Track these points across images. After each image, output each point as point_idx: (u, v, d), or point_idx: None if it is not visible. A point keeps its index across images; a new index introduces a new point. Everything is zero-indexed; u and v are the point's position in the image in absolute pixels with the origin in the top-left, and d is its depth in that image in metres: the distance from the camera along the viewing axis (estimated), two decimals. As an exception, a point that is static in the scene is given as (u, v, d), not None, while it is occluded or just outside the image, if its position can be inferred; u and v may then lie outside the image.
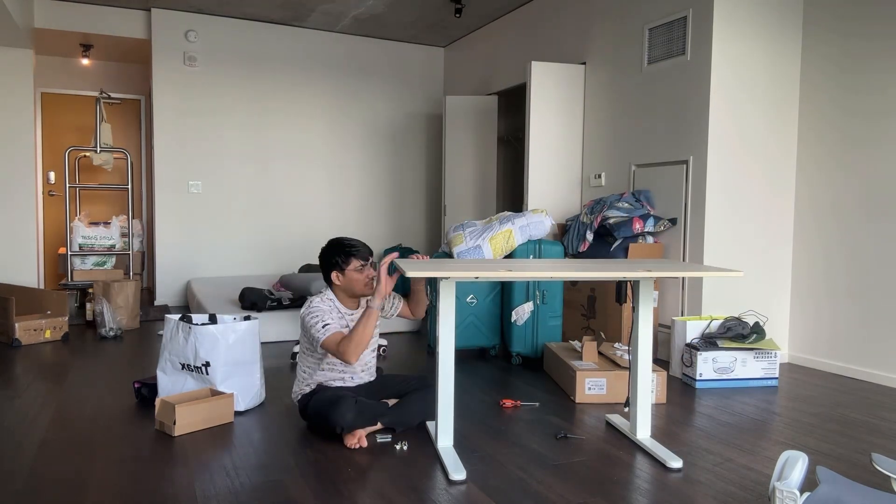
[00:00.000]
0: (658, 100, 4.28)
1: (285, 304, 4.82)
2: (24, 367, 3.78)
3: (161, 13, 5.99)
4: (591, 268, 2.35)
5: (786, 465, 1.89)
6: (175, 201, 6.15)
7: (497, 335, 4.17)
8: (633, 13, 4.48)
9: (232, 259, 6.40)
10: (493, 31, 6.22)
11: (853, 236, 3.84)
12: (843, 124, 3.88)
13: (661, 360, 4.13)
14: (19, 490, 2.14)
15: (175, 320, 3.02)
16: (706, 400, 3.31)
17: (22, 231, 5.67)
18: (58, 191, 7.17)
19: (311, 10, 5.99)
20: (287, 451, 2.53)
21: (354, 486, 2.21)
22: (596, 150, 4.88)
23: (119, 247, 5.98)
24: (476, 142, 6.10)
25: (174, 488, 2.17)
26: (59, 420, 2.85)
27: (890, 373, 3.66)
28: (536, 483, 2.25)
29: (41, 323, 4.44)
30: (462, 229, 4.12)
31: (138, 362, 3.94)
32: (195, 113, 6.18)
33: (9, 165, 5.60)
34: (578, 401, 3.22)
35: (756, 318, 4.08)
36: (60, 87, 7.13)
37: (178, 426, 2.65)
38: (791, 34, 4.09)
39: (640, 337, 2.64)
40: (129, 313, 4.94)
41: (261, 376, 3.10)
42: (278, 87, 6.49)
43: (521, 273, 2.20)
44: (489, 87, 6.29)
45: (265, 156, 6.48)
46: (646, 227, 4.10)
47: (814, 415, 3.09)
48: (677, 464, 2.41)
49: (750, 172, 4.04)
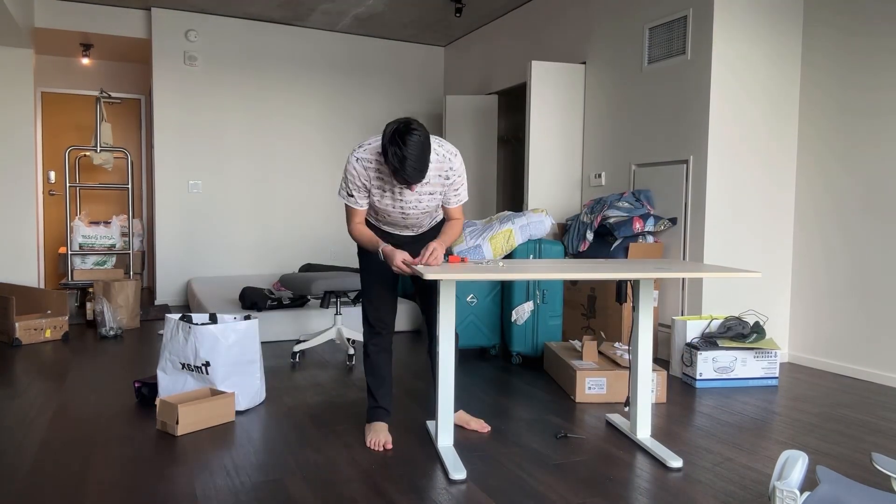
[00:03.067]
0: (658, 99, 4.28)
1: (285, 304, 4.82)
2: (25, 367, 3.78)
3: (161, 13, 5.99)
4: (596, 268, 2.35)
5: (786, 464, 1.89)
6: (175, 201, 6.15)
7: (497, 335, 4.17)
8: (634, 13, 4.48)
9: (232, 259, 6.40)
10: (493, 30, 6.22)
11: (854, 236, 3.84)
12: (844, 123, 3.88)
13: (661, 360, 4.13)
14: (20, 489, 2.15)
15: (175, 320, 3.02)
16: (706, 399, 3.31)
17: (22, 231, 5.67)
18: (58, 190, 7.18)
19: (312, 9, 5.99)
20: (287, 451, 2.53)
21: (354, 485, 2.21)
22: (596, 149, 4.87)
23: (119, 246, 5.98)
24: (476, 141, 6.10)
25: (174, 487, 2.17)
26: (59, 420, 2.85)
27: (890, 372, 3.66)
28: (536, 483, 2.25)
29: (41, 322, 4.44)
30: (462, 229, 4.12)
31: (138, 362, 3.94)
32: (195, 112, 6.18)
33: (9, 165, 5.60)
34: (578, 400, 3.22)
35: (756, 318, 4.08)
36: (60, 86, 7.13)
37: (180, 426, 2.65)
38: (791, 33, 4.09)
39: (641, 336, 2.64)
40: (130, 313, 4.94)
41: (261, 376, 3.10)
42: (278, 86, 6.49)
43: (521, 273, 2.20)
44: (489, 87, 6.29)
45: (265, 155, 6.48)
46: (646, 227, 4.10)
47: (814, 414, 3.09)
48: (677, 463, 2.41)
49: (750, 172, 4.04)
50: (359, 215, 2.55)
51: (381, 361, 2.71)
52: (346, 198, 2.51)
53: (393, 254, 2.40)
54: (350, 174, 2.45)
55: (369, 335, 2.72)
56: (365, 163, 2.43)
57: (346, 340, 3.97)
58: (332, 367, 3.84)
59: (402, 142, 2.20)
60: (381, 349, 2.71)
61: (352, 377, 3.63)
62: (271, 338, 4.58)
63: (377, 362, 2.71)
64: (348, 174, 2.46)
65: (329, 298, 4.04)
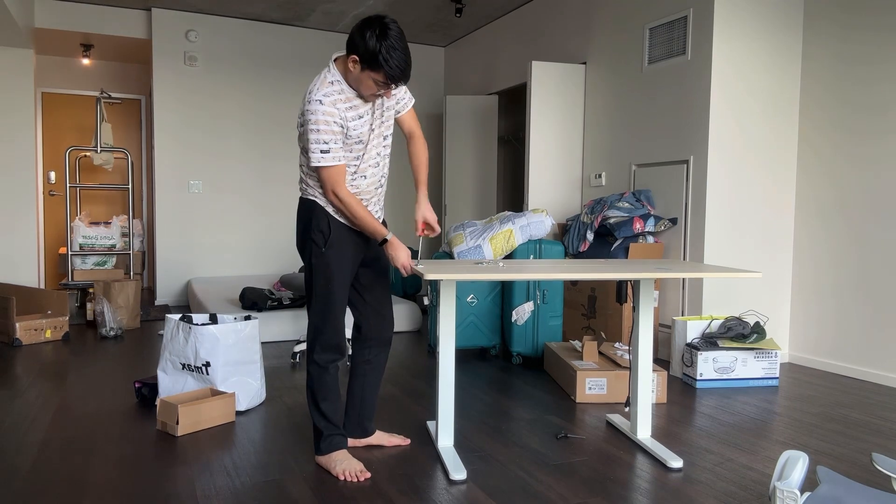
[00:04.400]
0: (658, 100, 4.28)
1: (285, 304, 4.82)
2: (25, 367, 3.78)
3: (161, 13, 5.99)
4: (596, 268, 2.35)
5: (786, 464, 1.89)
6: (175, 201, 6.15)
7: (497, 335, 4.17)
8: (634, 13, 4.48)
9: (232, 259, 6.40)
10: (494, 30, 6.22)
11: (854, 235, 3.83)
12: (845, 122, 3.88)
13: (661, 360, 4.13)
14: (20, 489, 2.15)
15: (175, 320, 3.02)
16: (706, 400, 3.31)
17: (22, 231, 5.67)
18: (58, 190, 7.18)
19: (312, 9, 5.99)
20: (287, 451, 2.53)
21: (354, 485, 2.21)
22: (596, 149, 4.87)
23: (119, 246, 5.98)
24: (476, 142, 6.10)
25: (175, 487, 2.17)
26: (59, 420, 2.85)
27: (890, 372, 3.65)
28: (536, 483, 2.25)
29: (42, 323, 4.44)
30: (462, 229, 4.12)
31: (139, 362, 3.94)
32: (195, 113, 6.18)
33: (9, 165, 5.61)
34: (579, 400, 3.22)
35: (756, 318, 4.08)
36: (61, 86, 7.14)
37: (181, 426, 2.65)
38: (792, 33, 4.09)
39: (641, 337, 2.64)
40: (130, 313, 4.94)
41: (261, 376, 3.10)
42: (279, 86, 6.49)
43: (522, 273, 2.20)
44: (489, 87, 6.29)
45: (265, 155, 6.48)
46: (646, 227, 4.10)
47: (814, 415, 3.09)
48: (678, 463, 2.41)
49: (751, 171, 4.04)
50: (341, 174, 2.17)
51: (336, 381, 2.36)
52: (320, 159, 2.12)
53: (401, 248, 2.20)
54: (320, 122, 2.10)
55: (330, 356, 2.32)
56: (331, 97, 2.12)
57: (346, 340, 3.97)
58: (333, 368, 3.84)
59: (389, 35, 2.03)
60: (337, 367, 2.37)
61: (352, 377, 3.63)
62: (271, 338, 4.58)
63: (332, 384, 2.34)
64: (318, 123, 2.10)
65: (329, 298, 4.03)
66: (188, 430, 2.69)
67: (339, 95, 2.15)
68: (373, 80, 2.10)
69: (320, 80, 2.16)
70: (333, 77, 2.16)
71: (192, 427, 2.70)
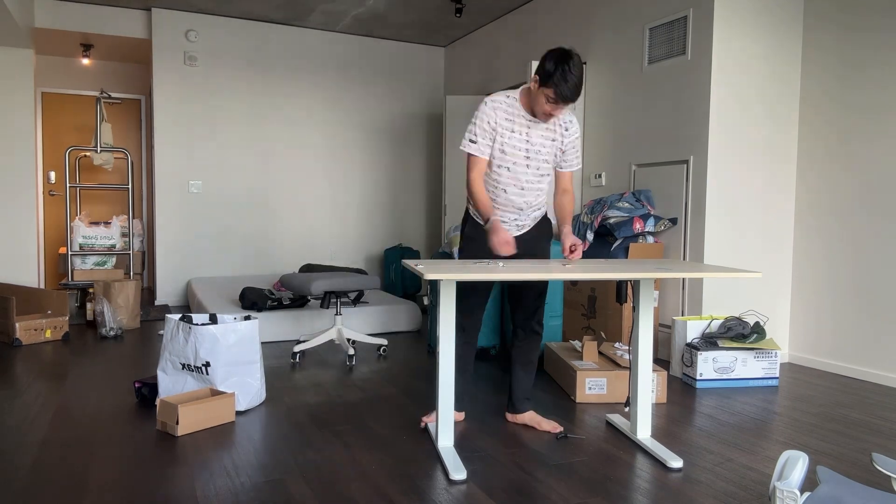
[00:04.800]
0: (658, 100, 4.28)
1: (285, 304, 4.82)
2: (25, 367, 3.78)
3: (161, 13, 5.99)
4: (596, 268, 2.35)
5: (786, 464, 1.89)
6: (175, 201, 6.15)
7: (497, 335, 4.17)
8: (634, 13, 4.48)
9: (232, 259, 6.40)
10: (493, 30, 6.22)
11: (854, 235, 3.83)
12: (844, 122, 3.88)
13: (661, 360, 4.13)
14: (20, 489, 2.15)
15: (175, 320, 3.02)
16: (706, 400, 3.31)
17: (22, 231, 5.67)
18: (58, 190, 7.18)
19: (312, 9, 5.99)
20: (287, 451, 2.53)
21: (354, 485, 2.21)
22: (596, 149, 4.87)
23: (119, 246, 5.98)
24: (476, 141, 6.09)
25: (174, 488, 2.17)
26: (59, 419, 2.85)
27: (890, 372, 3.65)
28: (536, 483, 2.25)
29: (42, 323, 4.44)
30: (462, 229, 4.12)
31: (139, 362, 3.94)
32: (195, 112, 6.18)
33: (9, 165, 5.61)
34: (579, 400, 3.22)
35: (756, 318, 4.08)
36: (61, 86, 7.14)
37: (181, 426, 2.65)
38: (792, 33, 4.09)
39: (641, 337, 2.64)
40: (130, 313, 4.94)
41: (261, 376, 3.10)
42: (278, 86, 6.49)
43: (521, 273, 2.20)
44: (489, 87, 6.28)
45: (265, 155, 6.48)
46: (646, 227, 4.10)
47: (814, 415, 3.09)
48: (677, 463, 2.41)
49: (750, 171, 4.04)
50: (480, 165, 2.62)
51: None
52: (468, 146, 2.61)
53: (500, 229, 2.48)
54: (479, 117, 2.59)
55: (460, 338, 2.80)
56: (496, 103, 2.59)
57: (346, 341, 3.98)
58: (332, 368, 3.85)
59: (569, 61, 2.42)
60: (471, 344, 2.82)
61: (352, 377, 3.64)
62: (271, 338, 4.58)
63: None
64: (477, 118, 2.60)
65: (329, 299, 4.04)
66: (188, 430, 2.69)
67: (503, 106, 2.61)
68: (545, 96, 2.48)
69: (501, 91, 2.65)
70: (510, 94, 2.63)
71: (192, 427, 2.70)
